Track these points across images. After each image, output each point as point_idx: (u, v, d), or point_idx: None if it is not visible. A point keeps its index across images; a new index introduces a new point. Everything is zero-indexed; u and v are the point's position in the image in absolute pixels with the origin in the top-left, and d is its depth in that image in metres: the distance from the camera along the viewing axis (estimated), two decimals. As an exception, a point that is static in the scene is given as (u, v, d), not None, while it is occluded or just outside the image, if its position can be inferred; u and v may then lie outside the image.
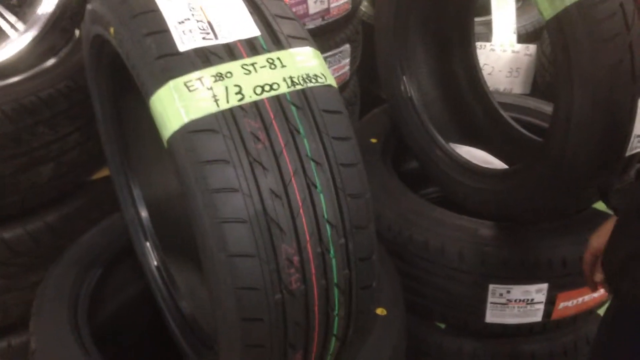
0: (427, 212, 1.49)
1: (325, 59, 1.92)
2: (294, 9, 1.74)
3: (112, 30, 1.02)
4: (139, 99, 0.97)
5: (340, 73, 2.00)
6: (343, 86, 2.06)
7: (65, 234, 1.52)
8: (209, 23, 0.96)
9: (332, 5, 1.84)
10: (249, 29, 0.97)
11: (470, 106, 1.86)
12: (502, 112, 1.78)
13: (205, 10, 0.98)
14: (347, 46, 1.99)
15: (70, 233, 1.50)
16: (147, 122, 1.00)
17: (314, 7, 1.80)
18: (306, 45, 0.98)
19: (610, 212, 1.20)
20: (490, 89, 1.88)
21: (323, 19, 1.84)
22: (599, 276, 1.04)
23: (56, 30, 1.49)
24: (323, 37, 1.90)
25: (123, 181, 1.38)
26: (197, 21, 0.95)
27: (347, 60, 2.02)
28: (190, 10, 0.97)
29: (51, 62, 1.55)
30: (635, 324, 0.93)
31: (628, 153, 1.20)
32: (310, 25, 1.82)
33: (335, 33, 1.94)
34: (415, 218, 1.48)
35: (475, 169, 1.56)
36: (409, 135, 1.78)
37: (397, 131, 1.83)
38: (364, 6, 2.43)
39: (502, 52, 2.23)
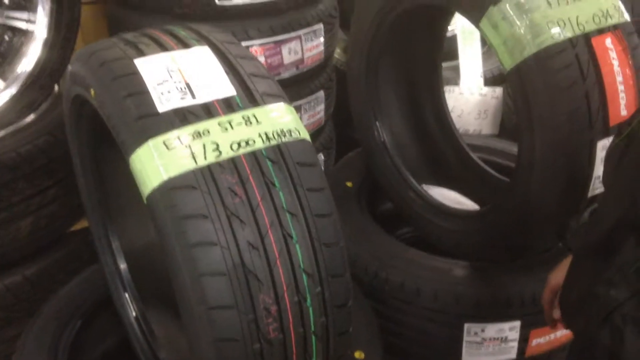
0: (402, 253, 1.54)
1: (300, 105, 1.99)
2: (269, 60, 1.80)
3: (92, 91, 1.06)
4: (117, 152, 1.01)
5: (315, 119, 2.05)
6: (319, 131, 2.11)
7: (45, 287, 1.53)
8: (187, 84, 1.00)
9: (306, 56, 1.90)
10: (225, 88, 1.02)
11: (441, 148, 1.92)
12: (471, 153, 1.85)
13: (183, 72, 1.02)
14: (321, 93, 2.06)
15: (49, 285, 1.51)
16: (126, 175, 1.04)
17: (288, 57, 1.86)
18: (280, 101, 1.03)
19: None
20: (460, 130, 1.95)
21: (297, 69, 1.90)
22: (557, 313, 1.07)
23: (35, 87, 1.52)
24: (298, 85, 1.95)
25: (102, 233, 1.40)
26: (175, 82, 1.00)
27: (322, 106, 2.08)
28: (169, 72, 1.01)
29: (30, 118, 1.57)
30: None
31: (590, 194, 1.26)
32: (285, 75, 1.88)
33: (310, 81, 2.00)
34: (391, 260, 1.52)
35: (448, 211, 1.61)
36: (383, 178, 1.83)
37: (372, 174, 1.89)
38: (337, 53, 2.51)
39: (470, 95, 2.32)
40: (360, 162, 1.98)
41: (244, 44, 1.73)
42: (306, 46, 1.91)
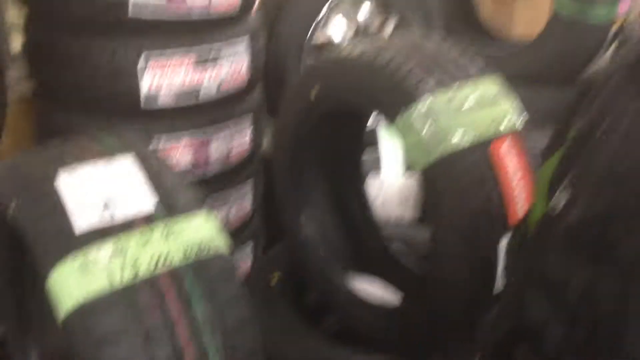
0: (327, 350, 1.57)
1: (227, 199, 2.03)
2: (194, 157, 1.85)
3: (12, 205, 1.07)
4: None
5: (243, 212, 2.10)
6: (246, 223, 2.15)
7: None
8: (107, 199, 1.04)
9: (233, 151, 1.97)
10: (146, 201, 1.06)
11: (364, 239, 2.00)
12: (391, 245, 1.93)
13: (104, 186, 1.06)
14: (249, 185, 2.11)
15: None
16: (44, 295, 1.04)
17: (215, 153, 1.92)
18: (201, 212, 1.08)
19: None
20: (384, 217, 2.04)
21: (224, 163, 1.96)
22: None
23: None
24: (225, 179, 2.01)
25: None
26: (95, 198, 1.03)
27: (250, 198, 2.14)
28: (90, 187, 1.05)
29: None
30: None
31: (497, 292, 1.35)
32: (212, 170, 1.93)
33: (237, 174, 2.06)
34: (317, 357, 1.54)
35: (368, 304, 1.67)
36: (308, 269, 1.88)
37: (298, 265, 1.93)
38: (266, 141, 2.59)
39: (392, 182, 2.43)
40: (287, 253, 2.02)
41: (170, 141, 1.79)
42: (233, 140, 1.98)
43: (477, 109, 1.42)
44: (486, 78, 1.47)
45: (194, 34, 1.72)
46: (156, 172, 1.11)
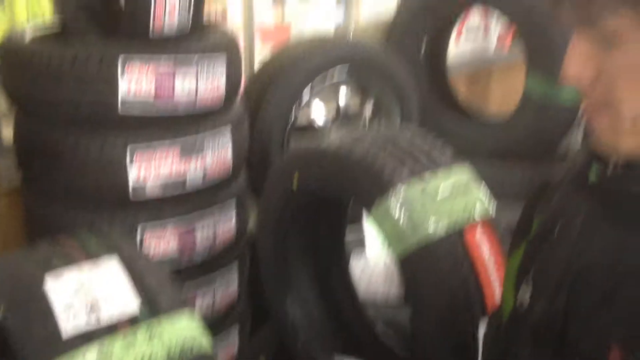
0: None
1: (213, 285, 2.06)
2: (180, 245, 1.89)
3: (0, 309, 1.10)
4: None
5: (229, 298, 2.11)
6: (231, 307, 2.17)
7: None
8: (93, 302, 1.07)
9: (218, 236, 2.01)
10: (130, 303, 1.10)
11: (350, 320, 2.03)
12: (376, 326, 1.96)
13: (90, 289, 1.10)
14: (234, 269, 2.14)
15: None
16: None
17: (201, 237, 1.96)
18: (184, 311, 1.11)
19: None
20: (370, 296, 2.07)
21: (210, 248, 2.00)
22: None
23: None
24: (211, 263, 2.04)
25: None
26: (82, 301, 1.07)
27: (235, 283, 2.16)
28: (76, 291, 1.08)
29: None
30: None
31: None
32: (199, 255, 1.97)
33: (223, 258, 2.09)
34: None
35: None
36: (294, 353, 1.89)
37: (284, 349, 1.94)
38: (252, 223, 2.64)
39: (376, 261, 2.47)
40: (274, 335, 2.04)
41: (157, 228, 1.83)
42: (219, 225, 2.02)
43: (450, 198, 1.49)
44: (457, 167, 1.55)
45: (179, 126, 1.79)
46: (140, 271, 1.15)
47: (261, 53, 2.88)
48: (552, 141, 2.61)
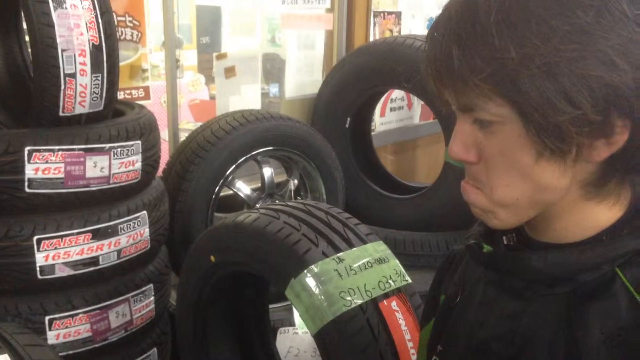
0: None
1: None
2: (95, 326, 1.80)
3: None
4: None
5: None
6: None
7: None
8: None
9: (135, 317, 1.93)
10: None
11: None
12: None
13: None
14: (154, 350, 2.05)
15: None
16: None
17: (115, 321, 1.88)
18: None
19: None
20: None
21: (126, 330, 1.92)
22: None
23: None
24: (127, 346, 1.95)
25: None
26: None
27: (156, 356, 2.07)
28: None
29: None
30: None
31: None
32: (114, 338, 1.88)
33: (141, 339, 2.01)
34: None
35: None
36: None
37: None
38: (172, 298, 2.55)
39: (304, 333, 2.42)
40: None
41: (67, 314, 1.75)
42: (135, 307, 1.95)
43: (365, 271, 1.49)
44: (371, 242, 1.57)
45: (91, 207, 1.74)
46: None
47: (186, 127, 2.89)
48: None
